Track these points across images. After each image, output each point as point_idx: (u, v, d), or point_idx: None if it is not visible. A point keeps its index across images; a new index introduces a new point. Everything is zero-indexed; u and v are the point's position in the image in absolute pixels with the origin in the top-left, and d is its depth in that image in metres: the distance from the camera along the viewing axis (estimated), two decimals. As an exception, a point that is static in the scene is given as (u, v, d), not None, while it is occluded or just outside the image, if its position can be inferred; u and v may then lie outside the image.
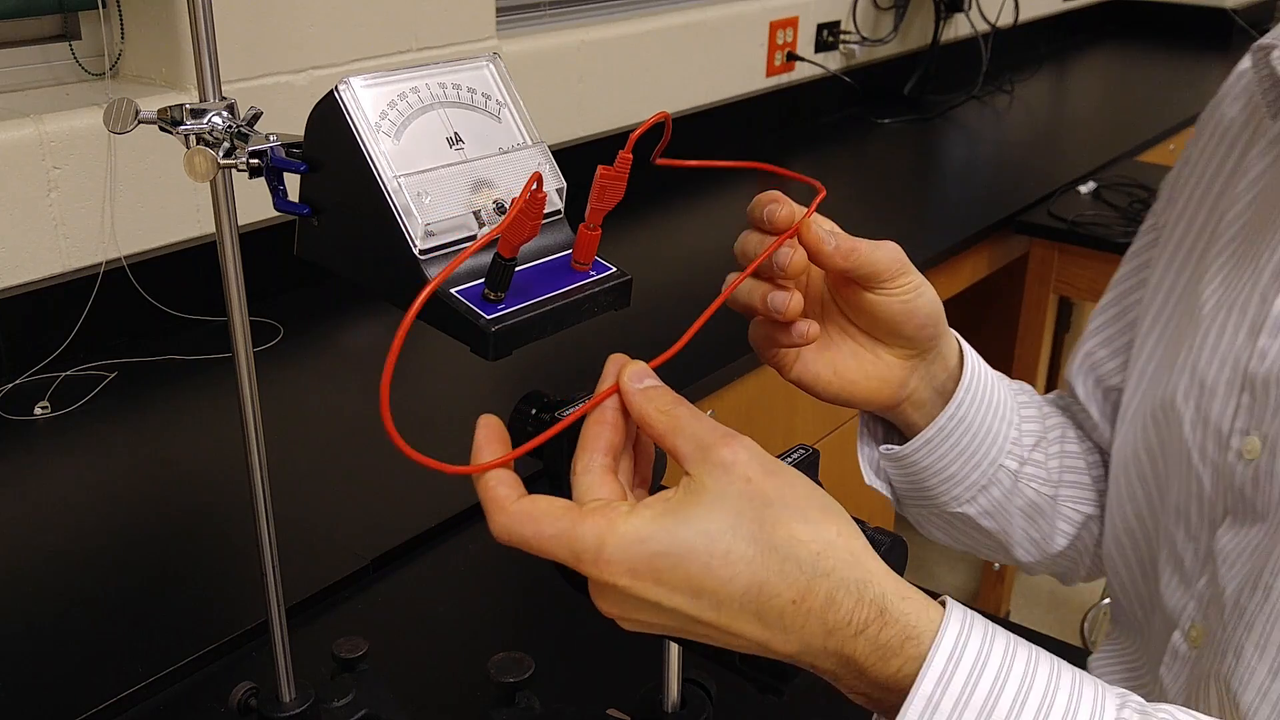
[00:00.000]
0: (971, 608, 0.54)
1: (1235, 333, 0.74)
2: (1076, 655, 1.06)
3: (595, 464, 0.55)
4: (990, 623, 0.54)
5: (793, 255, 0.67)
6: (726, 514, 0.51)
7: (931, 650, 0.51)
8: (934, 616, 0.52)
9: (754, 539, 0.51)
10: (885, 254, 0.71)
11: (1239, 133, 0.82)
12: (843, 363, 0.75)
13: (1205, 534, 0.76)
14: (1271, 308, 0.72)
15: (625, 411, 0.56)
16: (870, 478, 0.84)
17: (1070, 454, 0.90)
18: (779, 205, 0.68)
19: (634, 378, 0.56)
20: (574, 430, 0.57)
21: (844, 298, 0.74)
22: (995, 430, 0.82)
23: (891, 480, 0.84)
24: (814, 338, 0.72)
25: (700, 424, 0.54)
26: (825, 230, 0.68)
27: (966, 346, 0.80)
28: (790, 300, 0.69)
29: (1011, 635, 0.54)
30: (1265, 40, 0.74)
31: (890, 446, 0.82)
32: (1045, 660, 0.53)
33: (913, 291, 0.72)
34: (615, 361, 0.58)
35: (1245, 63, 0.81)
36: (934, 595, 0.55)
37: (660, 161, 0.66)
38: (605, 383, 0.57)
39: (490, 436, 0.56)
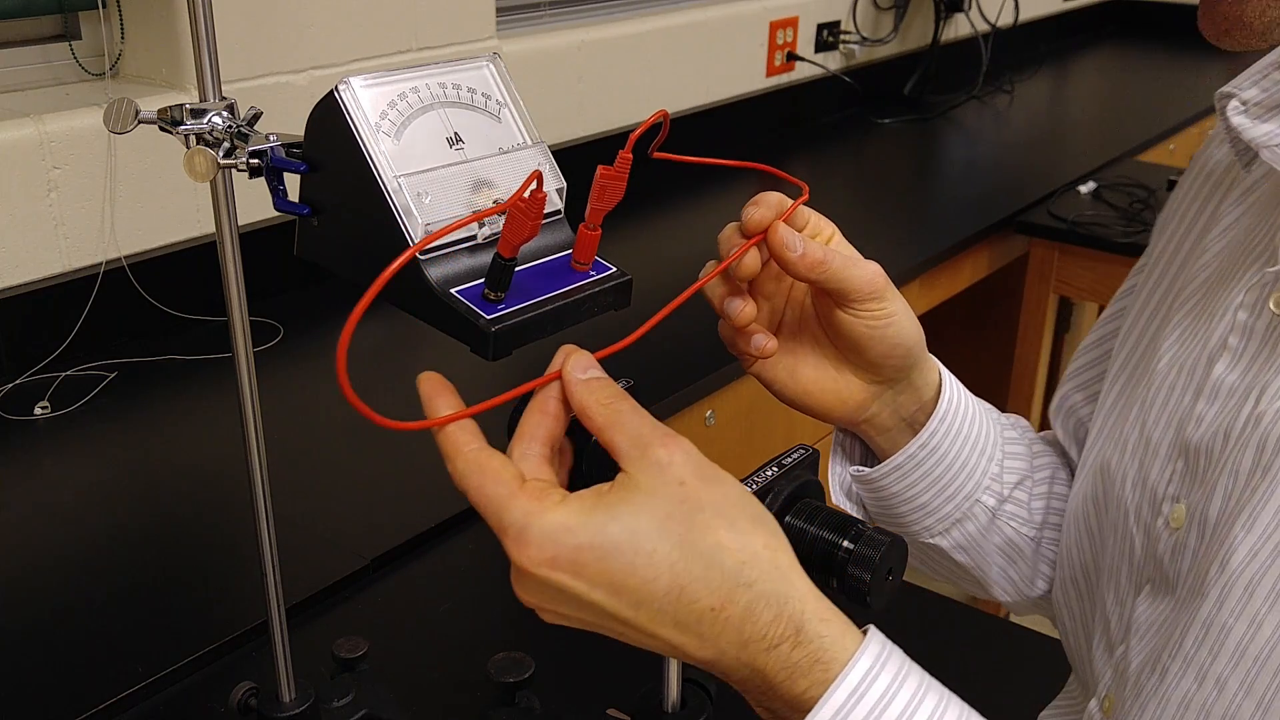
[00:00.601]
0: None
1: (1183, 393, 0.71)
2: (1076, 655, 1.06)
3: (532, 452, 0.55)
4: (907, 661, 0.54)
5: (743, 260, 0.67)
6: (656, 514, 0.51)
7: (836, 680, 0.51)
8: (849, 645, 0.52)
9: (680, 542, 0.51)
10: (860, 274, 0.69)
11: (1221, 176, 0.78)
12: (802, 371, 0.75)
13: (1130, 600, 0.72)
14: (1212, 372, 0.68)
15: (567, 403, 0.56)
16: (838, 496, 0.83)
17: (1058, 496, 0.87)
18: (755, 207, 0.67)
19: (577, 367, 0.56)
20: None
21: (818, 306, 0.74)
22: (972, 464, 0.80)
23: (864, 503, 0.83)
24: (768, 353, 0.72)
25: (640, 421, 0.54)
26: (794, 237, 0.67)
27: (949, 380, 0.78)
28: (743, 308, 0.69)
29: (925, 678, 0.54)
30: (1226, 88, 0.69)
31: (861, 468, 0.80)
32: (954, 708, 0.52)
33: (885, 319, 0.71)
34: (564, 352, 0.57)
35: None
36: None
37: (657, 155, 0.66)
38: (554, 368, 0.57)
39: (437, 388, 0.56)
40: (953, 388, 0.78)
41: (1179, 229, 0.79)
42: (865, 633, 0.54)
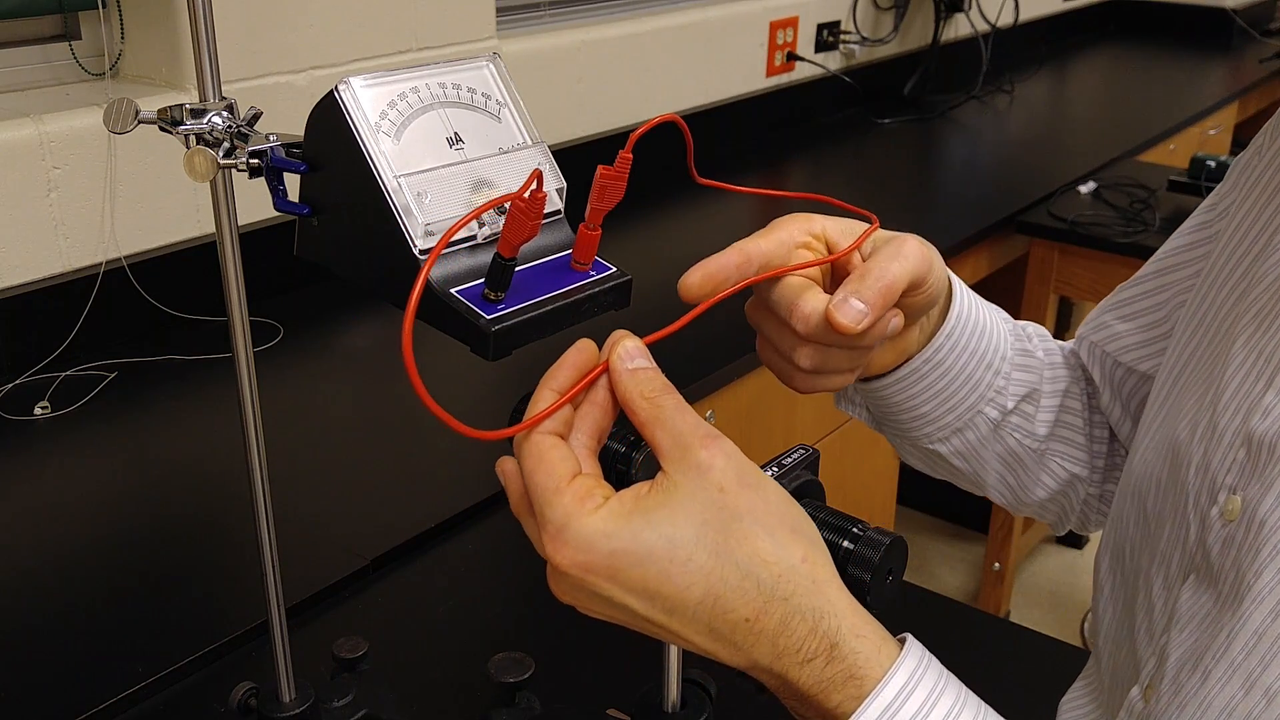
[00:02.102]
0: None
1: (1257, 380, 0.66)
2: (1077, 657, 1.06)
3: (578, 444, 0.55)
4: (944, 676, 0.53)
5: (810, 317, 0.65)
6: (692, 521, 0.51)
7: (869, 698, 0.51)
8: (884, 661, 0.52)
9: (717, 551, 0.51)
10: (914, 262, 0.66)
11: None
12: (857, 359, 0.72)
13: (1178, 587, 0.69)
14: None
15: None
16: (839, 402, 0.82)
17: (1070, 410, 0.86)
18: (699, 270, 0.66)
19: (625, 356, 0.56)
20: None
21: None
22: (976, 377, 0.79)
23: (866, 406, 0.83)
24: (900, 327, 0.69)
25: (683, 419, 0.54)
26: (855, 313, 0.64)
27: (959, 292, 0.76)
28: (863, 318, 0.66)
29: (962, 692, 0.53)
30: None
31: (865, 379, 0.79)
32: None
33: (935, 283, 0.69)
34: (614, 338, 0.57)
35: None
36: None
37: (703, 181, 0.66)
38: (605, 355, 0.57)
39: (543, 394, 0.56)
40: (963, 301, 0.77)
41: (1269, 187, 0.74)
42: (904, 643, 0.53)
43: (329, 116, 0.58)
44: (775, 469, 0.63)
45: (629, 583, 0.51)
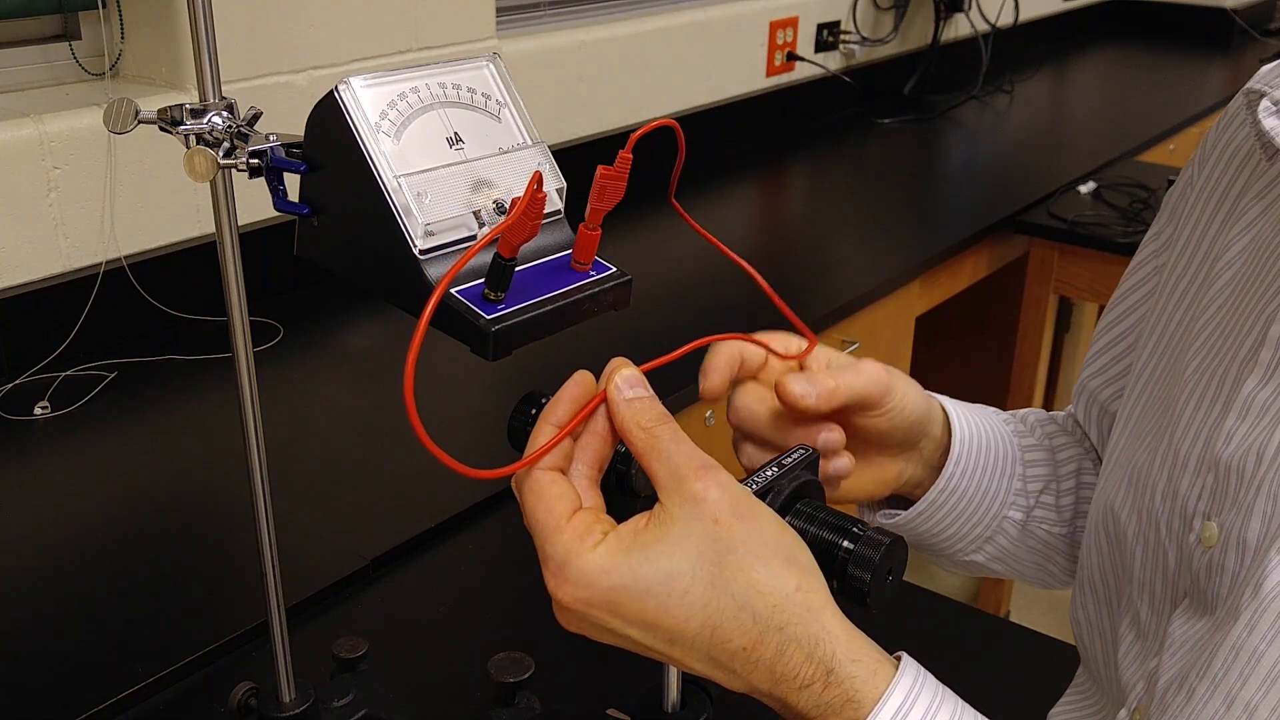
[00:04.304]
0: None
1: (1212, 405, 0.68)
2: (1076, 657, 1.06)
3: (579, 474, 0.56)
4: (939, 692, 0.54)
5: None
6: (688, 554, 0.52)
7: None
8: (879, 684, 0.53)
9: (713, 583, 0.52)
10: (869, 379, 0.71)
11: (1244, 160, 0.74)
12: (831, 481, 0.75)
13: (1167, 612, 0.70)
14: (1241, 388, 0.65)
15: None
16: None
17: (1087, 485, 0.88)
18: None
19: (622, 386, 0.56)
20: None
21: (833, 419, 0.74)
22: (994, 489, 0.82)
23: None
24: (847, 472, 0.73)
25: (679, 450, 0.54)
26: (800, 384, 0.69)
27: (956, 417, 0.79)
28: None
29: (958, 708, 0.54)
30: (1256, 84, 0.68)
31: (891, 512, 0.82)
32: None
33: (899, 406, 0.73)
34: (613, 366, 0.58)
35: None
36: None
37: (676, 205, 0.67)
38: (603, 385, 0.57)
39: (544, 429, 0.57)
40: (961, 425, 0.79)
41: (1203, 215, 0.76)
42: (899, 663, 0.54)
43: (329, 116, 0.58)
44: (775, 469, 0.63)
45: (629, 616, 0.53)
